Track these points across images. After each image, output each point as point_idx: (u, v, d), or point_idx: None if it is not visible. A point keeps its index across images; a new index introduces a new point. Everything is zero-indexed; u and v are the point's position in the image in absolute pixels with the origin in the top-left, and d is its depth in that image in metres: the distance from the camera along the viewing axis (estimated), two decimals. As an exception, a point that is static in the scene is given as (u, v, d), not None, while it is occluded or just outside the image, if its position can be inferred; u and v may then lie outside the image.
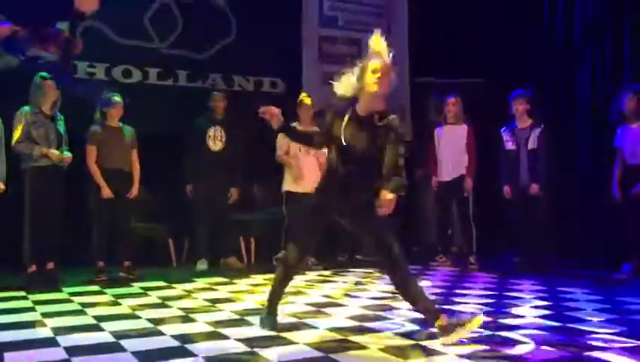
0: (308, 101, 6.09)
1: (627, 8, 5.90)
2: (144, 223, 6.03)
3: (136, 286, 4.95)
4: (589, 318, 3.65)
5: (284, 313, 3.86)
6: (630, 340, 3.12)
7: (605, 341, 3.11)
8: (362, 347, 3.03)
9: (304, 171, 5.94)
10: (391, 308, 4.01)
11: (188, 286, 4.97)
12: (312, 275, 5.58)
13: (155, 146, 5.90)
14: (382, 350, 2.97)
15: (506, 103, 6.33)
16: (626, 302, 4.15)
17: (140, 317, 3.74)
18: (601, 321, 3.57)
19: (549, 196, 5.68)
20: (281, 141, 6.02)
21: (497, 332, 3.30)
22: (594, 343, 3.06)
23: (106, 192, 5.26)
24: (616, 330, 3.34)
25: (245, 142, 6.27)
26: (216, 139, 6.06)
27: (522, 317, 3.71)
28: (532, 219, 5.65)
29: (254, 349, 2.98)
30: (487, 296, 4.45)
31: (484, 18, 7.46)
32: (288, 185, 6.02)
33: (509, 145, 5.82)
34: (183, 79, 6.82)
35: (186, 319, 3.70)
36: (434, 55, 7.42)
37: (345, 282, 5.20)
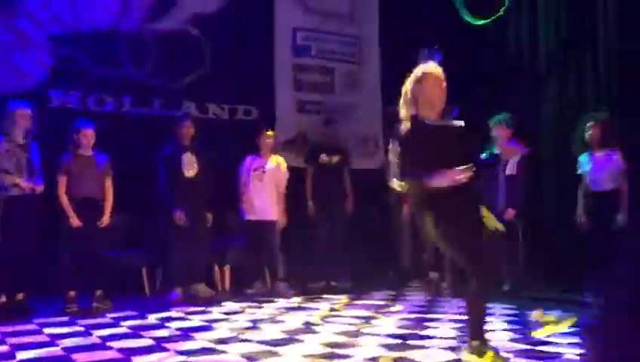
0: (270, 133, 6.39)
1: (588, 38, 6.11)
2: (117, 252, 5.98)
3: (108, 317, 4.90)
4: (558, 341, 3.72)
5: (257, 340, 3.86)
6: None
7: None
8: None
9: (254, 199, 6.18)
10: (364, 334, 4.03)
11: (161, 315, 4.93)
12: (284, 302, 5.58)
13: (130, 174, 5.89)
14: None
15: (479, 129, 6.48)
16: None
17: (111, 348, 3.71)
18: (570, 343, 3.64)
19: (524, 222, 5.80)
20: (240, 170, 6.21)
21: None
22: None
23: (75, 222, 5.22)
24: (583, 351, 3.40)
25: (220, 170, 6.29)
26: (189, 165, 6.07)
27: (491, 341, 3.76)
28: (508, 244, 5.75)
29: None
30: (459, 321, 4.49)
31: (448, 45, 7.64)
32: (244, 212, 6.26)
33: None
34: (157, 107, 6.84)
35: (159, 349, 3.68)
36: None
37: (318, 309, 5.21)
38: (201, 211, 6.01)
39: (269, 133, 6.38)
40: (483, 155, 5.82)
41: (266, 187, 6.25)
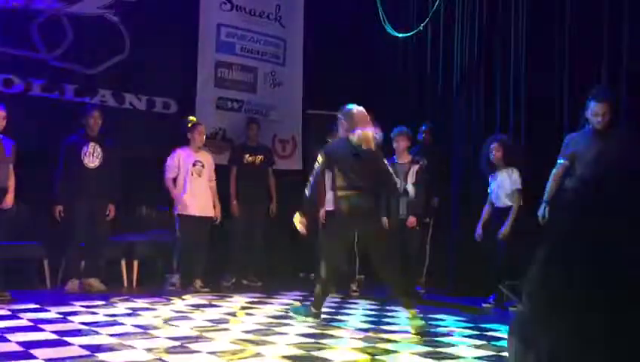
0: (202, 126, 6.29)
1: (497, 56, 6.45)
2: (18, 242, 5.67)
3: (5, 309, 4.65)
4: (457, 343, 3.92)
5: (166, 336, 3.80)
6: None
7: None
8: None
9: (195, 194, 6.04)
10: (275, 333, 4.07)
11: (63, 308, 4.73)
12: (196, 299, 5.51)
13: (34, 162, 5.61)
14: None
15: (388, 139, 6.70)
16: (491, 329, 4.49)
17: (9, 341, 3.53)
18: (468, 346, 3.85)
19: (424, 229, 6.06)
20: (172, 163, 6.05)
21: (375, 357, 3.46)
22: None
23: None
24: (483, 354, 3.61)
25: (126, 161, 6.09)
26: (92, 156, 5.86)
27: (397, 342, 3.91)
28: (408, 250, 5.98)
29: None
30: (366, 322, 4.63)
31: (371, 57, 7.86)
32: (181, 207, 6.04)
33: None
34: (70, 93, 6.55)
35: (61, 343, 3.54)
36: (325, 89, 7.68)
37: (230, 307, 5.18)
38: (102, 203, 5.82)
39: (202, 126, 6.29)
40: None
41: (204, 182, 6.18)
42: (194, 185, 6.08)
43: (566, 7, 5.64)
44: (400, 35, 7.35)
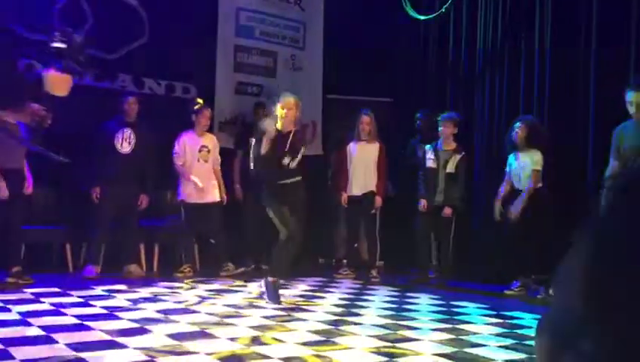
0: (208, 110, 6.28)
1: (521, 38, 6.31)
2: (42, 226, 5.72)
3: (28, 292, 4.70)
4: (480, 331, 3.86)
5: (186, 321, 3.80)
6: (517, 355, 3.33)
7: (494, 351, 3.30)
8: (264, 357, 3.05)
9: (201, 180, 6.00)
10: (295, 319, 4.05)
11: (84, 292, 4.77)
12: (216, 284, 5.52)
13: (57, 146, 5.62)
14: (283, 359, 3.00)
15: (410, 122, 6.64)
16: (513, 317, 4.42)
17: (32, 325, 3.56)
18: (491, 334, 3.79)
19: (457, 217, 5.99)
20: (179, 150, 6.04)
21: (395, 344, 3.42)
22: (482, 353, 3.25)
23: (3, 192, 4.96)
24: (505, 343, 3.56)
25: (156, 147, 6.11)
26: (125, 142, 5.89)
27: (419, 329, 3.87)
28: (437, 237, 5.95)
29: (153, 359, 2.92)
30: (387, 309, 4.59)
31: (392, 41, 7.74)
32: (184, 194, 6.05)
33: (430, 163, 6.07)
34: (90, 78, 6.55)
35: (82, 327, 3.56)
36: (345, 73, 7.59)
37: (250, 292, 5.18)
38: (133, 190, 5.84)
39: (209, 110, 6.26)
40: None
41: (210, 167, 6.14)
42: (199, 170, 6.04)
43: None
44: (422, 17, 7.22)
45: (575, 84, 5.69)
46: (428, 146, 6.17)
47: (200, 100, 6.35)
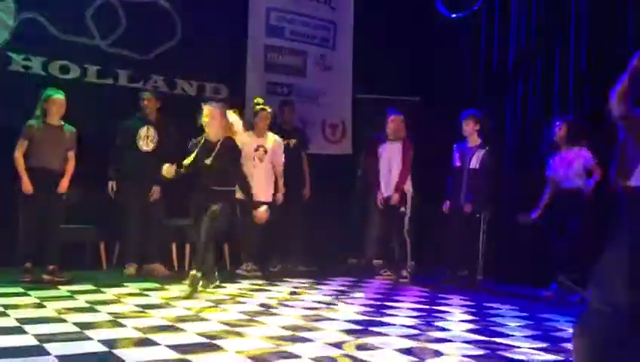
0: (268, 110, 6.27)
1: (557, 38, 6.19)
2: (75, 225, 5.83)
3: (63, 289, 4.79)
4: (512, 333, 3.80)
5: (217, 320, 3.83)
6: (551, 356, 3.27)
7: (526, 355, 3.24)
8: (294, 356, 3.05)
9: (254, 180, 5.87)
10: (324, 318, 4.04)
11: (118, 290, 4.84)
12: (246, 283, 5.55)
13: (91, 146, 5.73)
14: (313, 359, 3.00)
15: (441, 121, 6.57)
16: (548, 319, 4.33)
17: (65, 321, 3.62)
18: (524, 336, 3.72)
19: (486, 215, 5.89)
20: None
21: (426, 345, 3.39)
22: (515, 356, 3.19)
23: (27, 187, 5.07)
24: (538, 345, 3.49)
25: (182, 146, 6.15)
26: (147, 139, 5.95)
27: (449, 330, 3.82)
28: (466, 237, 5.87)
29: (186, 356, 2.94)
30: (417, 309, 4.55)
31: (422, 39, 7.67)
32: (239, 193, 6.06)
33: (456, 163, 6.02)
34: (123, 79, 6.66)
35: (115, 324, 3.61)
36: (375, 73, 7.56)
37: (280, 291, 5.19)
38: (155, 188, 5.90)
39: (268, 110, 6.24)
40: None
41: (264, 166, 6.13)
42: (254, 171, 6.00)
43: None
44: (454, 15, 7.14)
45: (612, 84, 5.55)
46: (455, 145, 6.12)
47: (259, 99, 6.36)
